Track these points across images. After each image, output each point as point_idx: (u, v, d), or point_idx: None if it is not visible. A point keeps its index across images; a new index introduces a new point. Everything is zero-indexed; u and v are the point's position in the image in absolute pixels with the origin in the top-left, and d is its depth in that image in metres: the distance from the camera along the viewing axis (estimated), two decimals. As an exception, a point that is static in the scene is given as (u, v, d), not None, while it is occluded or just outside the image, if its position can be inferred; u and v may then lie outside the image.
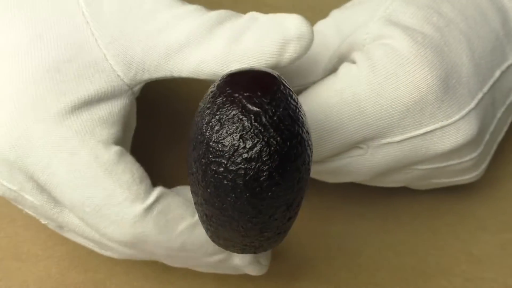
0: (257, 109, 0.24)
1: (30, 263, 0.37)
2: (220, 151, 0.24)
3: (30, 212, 0.32)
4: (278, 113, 0.24)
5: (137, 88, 0.31)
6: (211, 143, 0.24)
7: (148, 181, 0.30)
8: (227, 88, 0.25)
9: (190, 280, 0.37)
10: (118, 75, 0.30)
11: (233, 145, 0.24)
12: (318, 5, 0.40)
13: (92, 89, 0.29)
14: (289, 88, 0.25)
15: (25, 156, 0.29)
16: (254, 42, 0.29)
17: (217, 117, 0.24)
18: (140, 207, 0.29)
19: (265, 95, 0.24)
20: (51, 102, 0.28)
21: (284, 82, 0.26)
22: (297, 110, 0.25)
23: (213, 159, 0.24)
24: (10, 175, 0.30)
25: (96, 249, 0.33)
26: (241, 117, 0.24)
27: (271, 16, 0.30)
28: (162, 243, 0.30)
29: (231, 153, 0.24)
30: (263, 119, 0.24)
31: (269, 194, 0.24)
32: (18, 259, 0.37)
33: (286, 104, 0.25)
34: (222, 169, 0.24)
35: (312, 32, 0.29)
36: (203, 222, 0.27)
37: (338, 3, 0.37)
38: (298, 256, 0.39)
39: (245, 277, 0.36)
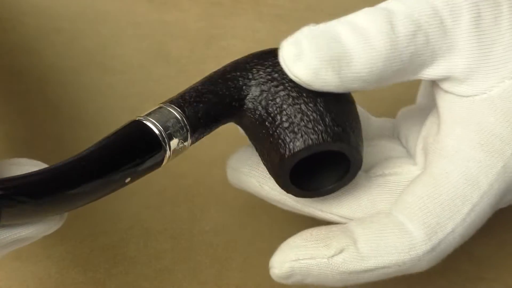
0: None
1: (30, 263, 0.37)
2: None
3: None
4: None
5: None
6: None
7: None
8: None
9: (190, 280, 0.37)
10: None
11: None
12: (318, 5, 0.40)
13: None
14: None
15: None
16: None
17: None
18: None
19: None
20: None
21: None
22: None
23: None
24: None
25: None
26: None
27: None
28: None
29: None
30: None
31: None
32: (18, 259, 0.37)
33: None
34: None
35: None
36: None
37: (338, 3, 0.37)
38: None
39: (245, 277, 0.36)
